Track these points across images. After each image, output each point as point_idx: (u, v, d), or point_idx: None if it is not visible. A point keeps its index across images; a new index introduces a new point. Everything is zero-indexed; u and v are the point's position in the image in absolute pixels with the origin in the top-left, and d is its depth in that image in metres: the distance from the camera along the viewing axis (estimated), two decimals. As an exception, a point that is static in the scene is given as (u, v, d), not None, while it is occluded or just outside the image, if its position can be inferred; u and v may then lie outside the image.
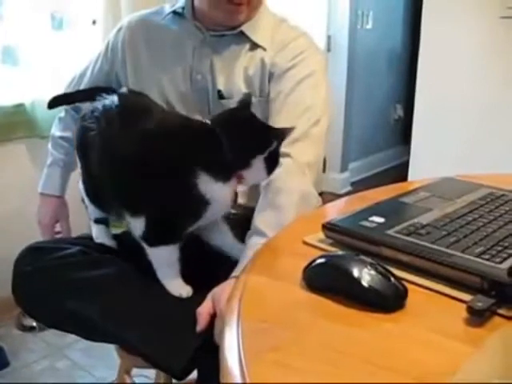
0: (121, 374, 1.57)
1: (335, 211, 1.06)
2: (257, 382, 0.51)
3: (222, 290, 0.95)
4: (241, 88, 1.24)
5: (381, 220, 0.82)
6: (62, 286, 1.08)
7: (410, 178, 2.76)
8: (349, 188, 3.77)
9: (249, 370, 0.53)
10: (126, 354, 1.19)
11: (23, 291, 1.15)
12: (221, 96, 1.25)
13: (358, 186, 3.78)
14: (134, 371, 1.58)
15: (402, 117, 4.31)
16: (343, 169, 3.78)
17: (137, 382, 1.55)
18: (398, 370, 0.54)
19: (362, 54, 3.71)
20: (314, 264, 0.69)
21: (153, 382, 1.48)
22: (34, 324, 2.18)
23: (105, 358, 1.97)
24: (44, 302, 1.11)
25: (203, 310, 0.96)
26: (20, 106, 2.18)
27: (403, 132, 4.24)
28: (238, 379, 0.52)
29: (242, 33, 1.25)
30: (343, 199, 1.06)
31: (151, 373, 1.48)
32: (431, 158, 2.65)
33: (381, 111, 4.19)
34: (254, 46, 1.25)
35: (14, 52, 2.19)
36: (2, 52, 2.17)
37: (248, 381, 0.51)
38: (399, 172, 3.10)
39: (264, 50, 1.24)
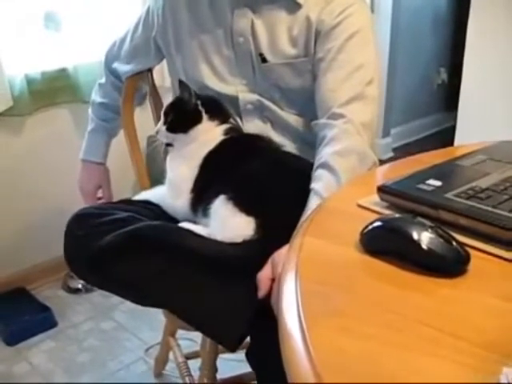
0: (165, 336, 1.59)
1: (388, 174, 1.03)
2: (318, 345, 0.50)
3: (280, 254, 0.91)
4: (286, 49, 1.20)
5: (438, 183, 0.79)
6: (114, 251, 1.06)
7: (456, 143, 2.69)
8: (390, 154, 3.70)
9: (310, 333, 0.52)
10: (172, 315, 1.20)
11: (77, 255, 1.12)
12: (263, 59, 1.22)
13: (400, 151, 3.71)
14: (179, 333, 1.61)
15: (446, 81, 4.19)
16: (385, 134, 3.71)
17: (181, 344, 1.57)
18: (462, 336, 0.52)
19: (406, 15, 3.59)
20: (371, 227, 0.67)
21: (198, 344, 1.49)
22: (80, 286, 2.24)
23: (149, 320, 2.00)
24: (97, 266, 1.09)
25: (263, 275, 0.93)
26: (63, 70, 2.19)
27: (447, 97, 4.13)
28: (299, 342, 0.51)
29: None
30: (395, 162, 1.03)
31: (197, 336, 1.50)
32: (479, 124, 2.57)
33: (424, 75, 4.07)
34: (294, 3, 1.19)
35: (56, 17, 2.19)
36: (44, 17, 2.17)
37: (309, 344, 0.50)
38: (442, 138, 3.03)
39: (300, 6, 1.18)
